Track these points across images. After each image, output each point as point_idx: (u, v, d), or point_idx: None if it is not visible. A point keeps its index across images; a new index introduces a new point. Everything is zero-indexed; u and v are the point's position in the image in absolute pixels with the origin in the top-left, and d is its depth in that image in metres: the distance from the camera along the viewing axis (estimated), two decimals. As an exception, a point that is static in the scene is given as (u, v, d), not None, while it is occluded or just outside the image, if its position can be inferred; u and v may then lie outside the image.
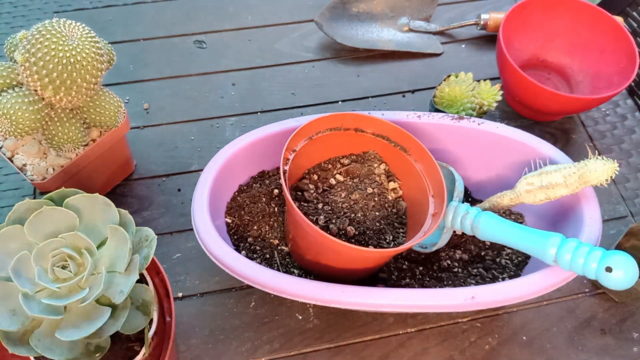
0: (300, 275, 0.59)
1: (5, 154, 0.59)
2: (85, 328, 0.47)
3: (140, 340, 0.49)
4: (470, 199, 0.67)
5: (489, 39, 0.85)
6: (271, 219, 0.62)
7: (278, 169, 0.65)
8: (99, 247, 0.57)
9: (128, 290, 0.48)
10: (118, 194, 0.68)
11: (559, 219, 0.61)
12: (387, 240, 0.56)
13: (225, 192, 0.62)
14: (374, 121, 0.59)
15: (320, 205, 0.57)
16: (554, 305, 0.64)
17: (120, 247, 0.56)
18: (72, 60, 0.49)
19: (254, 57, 0.81)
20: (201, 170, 0.60)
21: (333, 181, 0.59)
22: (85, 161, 0.60)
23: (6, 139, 0.60)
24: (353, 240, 0.55)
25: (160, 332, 0.51)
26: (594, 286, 0.65)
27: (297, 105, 0.77)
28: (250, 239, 0.61)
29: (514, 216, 0.65)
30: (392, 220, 0.58)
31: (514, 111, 0.78)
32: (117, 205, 0.58)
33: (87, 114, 0.56)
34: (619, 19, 0.78)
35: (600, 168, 0.53)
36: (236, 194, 0.63)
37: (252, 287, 0.60)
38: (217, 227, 0.56)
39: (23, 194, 0.68)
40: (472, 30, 0.86)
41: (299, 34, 0.84)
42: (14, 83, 0.53)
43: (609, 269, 0.47)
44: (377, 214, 0.57)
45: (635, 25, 0.88)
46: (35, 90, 0.51)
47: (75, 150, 0.58)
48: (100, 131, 0.60)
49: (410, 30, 0.86)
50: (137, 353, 0.48)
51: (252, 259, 0.59)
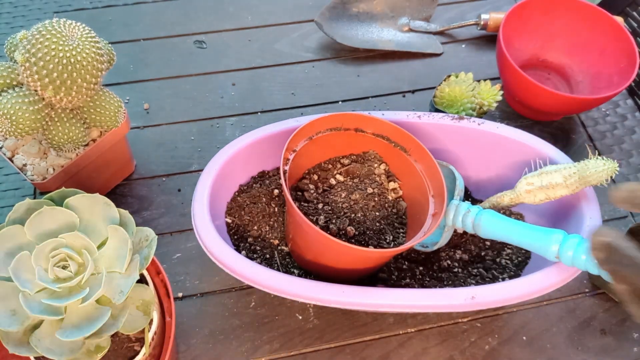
0: (300, 275, 0.59)
1: (5, 154, 0.59)
2: (85, 328, 0.47)
3: (140, 340, 0.49)
4: (470, 199, 0.67)
5: (489, 39, 0.85)
6: (271, 219, 0.62)
7: (278, 169, 0.65)
8: (99, 247, 0.57)
9: (128, 290, 0.48)
10: (118, 194, 0.68)
11: (559, 219, 0.61)
12: (387, 240, 0.56)
13: (225, 192, 0.62)
14: (374, 121, 0.59)
15: (320, 205, 0.57)
16: (554, 305, 0.64)
17: (121, 247, 0.56)
18: (72, 60, 0.49)
19: (254, 57, 0.81)
20: (201, 170, 0.60)
21: (333, 181, 0.59)
22: (86, 161, 0.60)
23: (6, 139, 0.60)
24: (353, 240, 0.55)
25: (160, 332, 0.51)
26: (594, 286, 0.65)
27: (297, 105, 0.77)
28: (250, 239, 0.61)
29: (514, 216, 0.65)
30: (392, 220, 0.58)
31: (514, 111, 0.78)
32: (117, 205, 0.58)
33: (87, 114, 0.56)
34: (619, 19, 0.78)
35: (600, 168, 0.53)
36: (236, 194, 0.63)
37: (252, 287, 0.60)
38: (217, 227, 0.56)
39: (23, 194, 0.68)
40: (472, 30, 0.86)
41: (299, 34, 0.84)
42: (14, 83, 0.53)
43: None
44: (377, 214, 0.57)
45: (635, 25, 0.88)
46: (36, 90, 0.51)
47: (75, 150, 0.58)
48: (101, 131, 0.60)
49: (410, 30, 0.86)
50: (137, 353, 0.48)
51: (252, 259, 0.59)
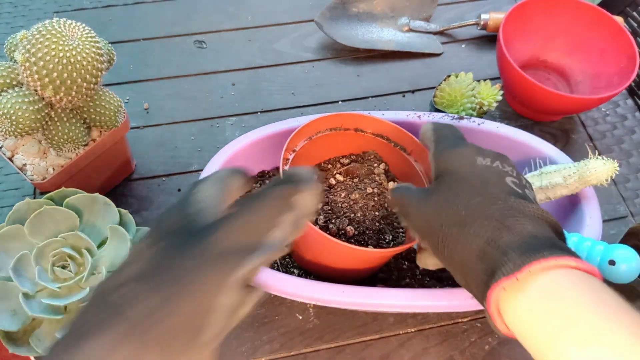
0: (300, 275, 0.59)
1: (5, 154, 0.59)
2: (86, 328, 0.47)
3: (140, 340, 0.49)
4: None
5: (489, 39, 0.85)
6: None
7: (278, 168, 0.65)
8: (99, 247, 0.57)
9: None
10: (118, 194, 0.68)
11: (559, 219, 0.61)
12: (387, 240, 0.56)
13: (225, 192, 0.62)
14: (373, 121, 0.59)
15: (319, 205, 0.57)
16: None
17: (121, 247, 0.56)
18: (72, 60, 0.49)
19: (254, 57, 0.81)
20: (201, 170, 0.60)
21: (333, 181, 0.59)
22: (86, 161, 0.60)
23: (6, 138, 0.60)
24: (352, 240, 0.55)
25: (160, 332, 0.51)
26: (594, 286, 0.65)
27: (297, 105, 0.77)
28: (250, 239, 0.61)
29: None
30: (392, 220, 0.58)
31: (514, 111, 0.78)
32: (117, 205, 0.58)
33: (87, 114, 0.56)
34: (619, 19, 0.78)
35: (600, 168, 0.53)
36: (236, 194, 0.63)
37: (252, 287, 0.60)
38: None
39: (23, 193, 0.68)
40: (472, 30, 0.86)
41: (299, 34, 0.84)
42: (14, 83, 0.53)
43: (612, 262, 0.48)
44: (377, 213, 0.57)
45: (635, 25, 0.88)
46: (36, 90, 0.51)
47: (75, 150, 0.58)
48: (100, 131, 0.60)
49: (410, 30, 0.86)
50: (137, 353, 0.48)
51: (252, 259, 0.59)
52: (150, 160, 0.71)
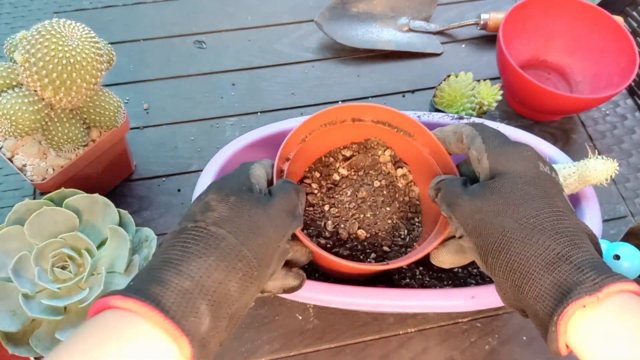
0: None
1: (5, 155, 0.59)
2: (85, 328, 0.47)
3: (140, 341, 0.49)
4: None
5: (488, 39, 0.85)
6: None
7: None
8: (99, 248, 0.57)
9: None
10: (118, 194, 0.68)
11: (559, 219, 0.61)
12: (402, 236, 0.54)
13: (225, 193, 0.62)
14: (371, 109, 0.54)
15: (326, 208, 0.54)
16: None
17: (120, 248, 0.56)
18: (72, 60, 0.49)
19: (254, 57, 0.81)
20: (201, 170, 0.59)
21: (337, 177, 0.56)
22: (85, 161, 0.60)
23: (6, 139, 0.60)
24: (366, 243, 0.53)
25: (160, 333, 0.51)
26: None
27: (297, 106, 0.77)
28: (250, 239, 0.61)
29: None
30: (406, 212, 0.55)
31: (514, 111, 0.78)
32: (117, 206, 0.58)
33: (87, 114, 0.56)
34: (619, 19, 0.78)
35: (600, 167, 0.53)
36: (236, 194, 0.63)
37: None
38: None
39: (23, 194, 0.68)
40: (472, 30, 0.86)
41: (299, 34, 0.84)
42: (14, 83, 0.53)
43: (616, 257, 0.48)
44: (388, 209, 0.54)
45: (635, 25, 0.88)
46: (35, 91, 0.51)
47: (75, 150, 0.58)
48: (100, 131, 0.60)
49: (410, 30, 0.86)
50: (137, 353, 0.48)
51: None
52: (150, 160, 0.71)
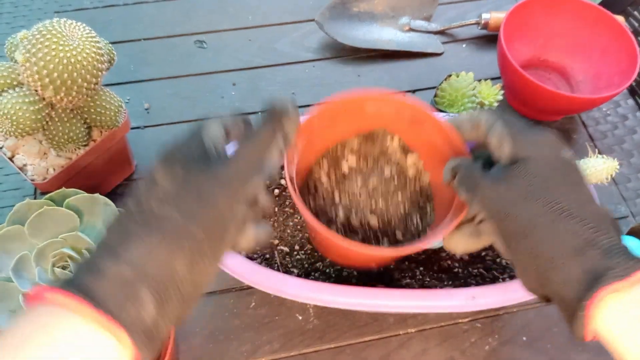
0: (299, 276, 0.59)
1: (5, 154, 0.59)
2: (86, 328, 0.47)
3: (141, 341, 0.49)
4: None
5: (489, 39, 0.85)
6: (271, 219, 0.62)
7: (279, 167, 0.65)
8: (100, 247, 0.57)
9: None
10: (118, 194, 0.68)
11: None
12: (415, 223, 0.53)
13: (225, 192, 0.62)
14: (379, 98, 0.51)
15: (337, 199, 0.53)
16: (554, 305, 0.63)
17: (121, 247, 0.56)
18: (73, 60, 0.49)
19: (254, 57, 0.81)
20: (201, 170, 0.59)
21: (346, 167, 0.54)
22: (86, 161, 0.60)
23: (7, 139, 0.60)
24: (378, 231, 0.52)
25: (160, 333, 0.51)
26: (594, 286, 0.65)
27: (298, 105, 0.77)
28: (250, 239, 0.61)
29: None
30: (417, 199, 0.54)
31: (515, 111, 0.78)
32: (118, 206, 0.58)
33: (88, 114, 0.56)
34: (620, 19, 0.78)
35: (600, 166, 0.53)
36: (236, 194, 0.63)
37: (252, 288, 0.60)
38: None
39: (24, 194, 0.68)
40: (473, 29, 0.86)
41: (299, 34, 0.84)
42: (15, 83, 0.53)
43: None
44: (400, 197, 0.53)
45: (636, 24, 0.88)
46: (36, 90, 0.51)
47: (75, 150, 0.58)
48: (101, 131, 0.60)
49: (411, 29, 0.86)
50: (137, 353, 0.48)
51: (252, 259, 0.59)
52: (150, 160, 0.71)
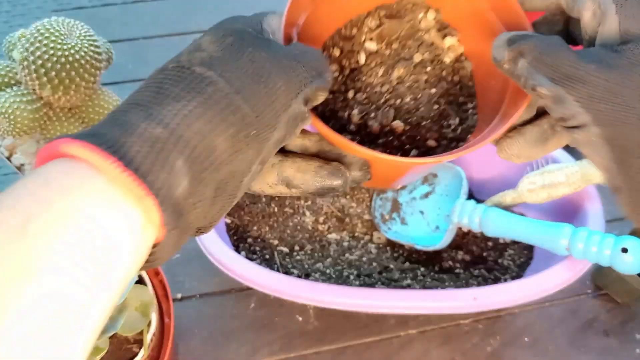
0: (299, 276, 0.59)
1: (3, 154, 0.59)
2: (83, 330, 0.46)
3: (139, 342, 0.48)
4: (472, 199, 0.67)
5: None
6: (271, 219, 0.62)
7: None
8: (98, 248, 0.56)
9: (126, 292, 0.47)
10: (117, 194, 0.68)
11: (562, 218, 0.60)
12: (453, 126, 0.40)
13: (225, 192, 0.61)
14: None
15: (350, 94, 0.39)
16: (556, 306, 0.63)
17: (119, 248, 0.55)
18: (71, 59, 0.49)
19: (254, 57, 0.81)
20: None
21: (363, 55, 0.40)
22: (84, 161, 0.59)
23: (4, 138, 0.59)
24: (404, 138, 0.39)
25: (159, 334, 0.51)
26: (596, 287, 0.65)
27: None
28: (249, 240, 0.60)
29: (516, 216, 0.65)
30: (456, 95, 0.41)
31: (516, 111, 0.78)
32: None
33: (86, 114, 0.56)
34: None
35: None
36: (236, 194, 0.62)
37: (252, 289, 0.60)
38: (217, 228, 0.56)
39: (21, 194, 0.67)
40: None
41: (299, 33, 0.84)
42: (12, 82, 0.52)
43: (624, 250, 0.48)
44: (433, 90, 0.40)
45: (637, 24, 0.88)
46: (34, 90, 0.51)
47: (73, 150, 0.58)
48: (99, 131, 0.60)
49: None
50: (136, 355, 0.47)
51: (252, 259, 0.59)
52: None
